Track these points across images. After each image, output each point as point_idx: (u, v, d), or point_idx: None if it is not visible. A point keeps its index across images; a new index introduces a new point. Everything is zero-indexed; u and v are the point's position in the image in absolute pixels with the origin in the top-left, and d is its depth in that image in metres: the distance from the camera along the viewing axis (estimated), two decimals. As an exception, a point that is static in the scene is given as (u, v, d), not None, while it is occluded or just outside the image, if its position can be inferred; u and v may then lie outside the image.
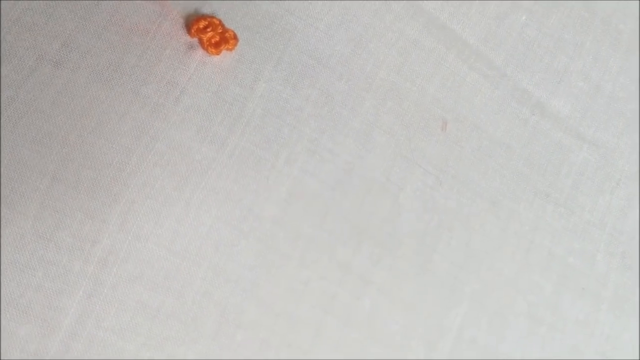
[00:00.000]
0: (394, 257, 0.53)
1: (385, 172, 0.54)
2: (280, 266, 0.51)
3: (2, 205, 0.45)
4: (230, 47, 0.51)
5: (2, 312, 0.45)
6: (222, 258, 0.50)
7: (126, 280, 0.48)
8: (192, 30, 0.50)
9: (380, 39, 0.56)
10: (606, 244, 0.60)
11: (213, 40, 0.51)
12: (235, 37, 0.51)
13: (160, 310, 0.48)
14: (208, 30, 0.51)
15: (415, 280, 0.54)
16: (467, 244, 0.55)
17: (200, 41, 0.51)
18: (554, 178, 0.59)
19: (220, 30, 0.51)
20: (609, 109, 0.62)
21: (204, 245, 0.49)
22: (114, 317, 0.47)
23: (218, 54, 0.51)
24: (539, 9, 0.61)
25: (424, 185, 0.55)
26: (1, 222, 0.45)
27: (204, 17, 0.51)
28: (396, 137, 0.55)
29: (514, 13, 0.61)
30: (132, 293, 0.48)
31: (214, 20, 0.51)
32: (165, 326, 0.48)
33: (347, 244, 0.53)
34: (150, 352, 0.47)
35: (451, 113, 0.57)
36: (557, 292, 0.58)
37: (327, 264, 0.52)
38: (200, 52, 0.51)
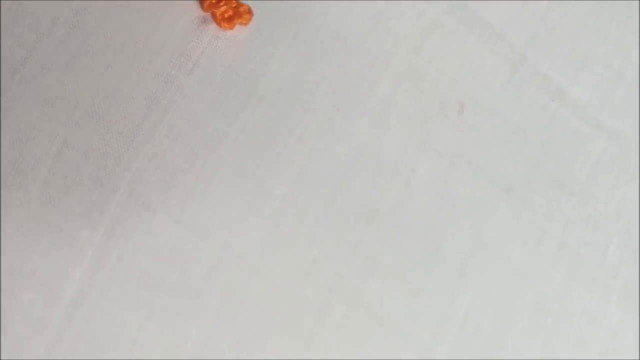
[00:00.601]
0: (403, 241, 0.54)
1: (398, 154, 0.55)
2: (288, 244, 0.52)
3: (10, 168, 0.46)
4: (244, 22, 0.52)
5: (5, 277, 0.46)
6: (229, 233, 0.51)
7: (132, 251, 0.49)
8: (205, 4, 0.51)
9: (400, 17, 0.57)
10: (619, 237, 0.61)
11: (226, 15, 0.52)
12: (249, 12, 0.52)
13: (165, 283, 0.49)
14: (221, 4, 0.51)
15: (423, 265, 0.55)
16: (478, 231, 0.56)
17: (213, 15, 0.51)
18: (569, 167, 0.60)
19: (234, 5, 0.52)
20: (629, 98, 0.63)
21: (212, 219, 0.50)
22: (118, 287, 0.48)
23: (231, 29, 0.52)
24: (563, -7, 0.62)
25: (438, 169, 0.56)
26: (8, 186, 0.46)
27: (216, -10, 0.51)
28: (412, 119, 0.56)
29: (538, -4, 0.61)
30: (137, 264, 0.49)
31: (227, -6, 0.51)
32: (169, 299, 0.49)
33: (356, 225, 0.54)
34: (152, 325, 0.49)
35: (469, 96, 0.58)
36: (566, 283, 0.59)
37: (335, 243, 0.53)
38: (213, 26, 0.52)
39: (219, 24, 0.52)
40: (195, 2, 0.53)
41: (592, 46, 0.62)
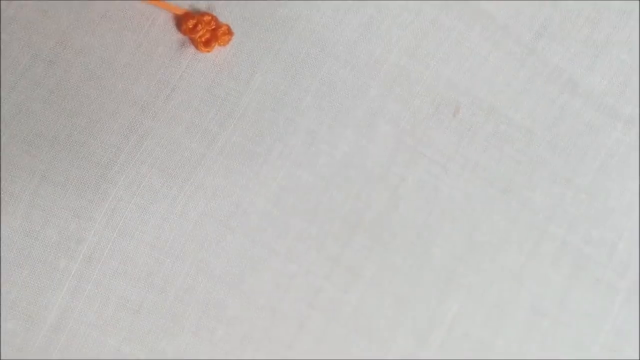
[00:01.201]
0: (386, 251, 0.57)
1: (386, 163, 0.57)
2: (265, 261, 0.56)
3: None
4: (223, 43, 0.54)
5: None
6: (206, 254, 0.55)
7: (110, 277, 0.54)
8: (182, 29, 0.54)
9: (394, 20, 0.58)
10: (630, 233, 0.62)
11: (203, 39, 0.54)
12: (229, 32, 0.54)
13: (143, 306, 0.54)
14: (198, 28, 0.54)
15: (408, 274, 0.58)
16: (470, 235, 0.59)
17: (191, 40, 0.54)
18: (577, 162, 0.61)
19: (213, 27, 0.54)
20: (655, 83, 0.62)
21: (189, 242, 0.55)
22: (96, 312, 0.53)
23: (209, 52, 0.54)
24: (583, -25, 0.61)
25: (428, 175, 0.58)
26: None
27: (192, 15, 0.54)
28: (401, 126, 0.57)
29: (553, -19, 0.61)
30: (115, 289, 0.54)
31: (205, 17, 0.54)
32: (147, 321, 0.54)
33: (337, 238, 0.57)
34: (131, 347, 0.54)
35: (466, 96, 0.59)
36: (566, 283, 0.61)
37: (315, 258, 0.56)
38: (192, 49, 0.54)
39: (197, 47, 0.54)
40: (174, 26, 0.55)
41: (613, 29, 0.62)
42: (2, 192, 0.51)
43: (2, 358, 0.52)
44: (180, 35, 0.54)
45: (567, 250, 0.60)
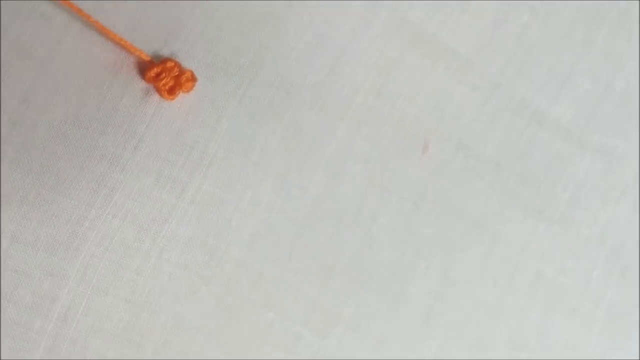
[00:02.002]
0: (364, 292, 0.59)
1: (357, 204, 0.59)
2: (242, 309, 0.57)
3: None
4: (187, 90, 0.56)
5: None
6: (182, 306, 0.56)
7: (85, 334, 0.55)
8: (146, 78, 0.55)
9: (358, 61, 0.60)
10: (605, 260, 0.64)
11: (167, 86, 0.55)
12: (192, 79, 0.56)
13: (119, 362, 0.55)
14: (162, 76, 0.55)
15: (387, 314, 0.59)
16: (445, 272, 0.60)
17: (155, 87, 0.56)
18: (548, 194, 0.63)
19: (177, 73, 0.55)
20: (620, 109, 0.65)
21: (164, 294, 0.56)
22: (73, 370, 0.54)
23: (174, 99, 0.56)
24: (543, 6, 0.63)
25: (400, 213, 0.60)
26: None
27: (155, 63, 0.55)
28: (371, 165, 0.59)
29: (515, 14, 0.63)
30: (91, 346, 0.55)
31: (168, 64, 0.55)
32: (124, 376, 0.55)
33: (314, 283, 0.58)
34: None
35: (434, 133, 0.61)
36: (543, 315, 0.63)
37: (292, 304, 0.58)
38: (157, 97, 0.56)
39: (161, 95, 0.56)
40: (138, 75, 0.56)
41: (576, 59, 0.64)
42: (-28, 255, 0.52)
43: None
44: (144, 84, 0.55)
45: (542, 282, 0.62)
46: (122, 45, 0.55)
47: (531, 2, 0.62)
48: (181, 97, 0.56)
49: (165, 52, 0.56)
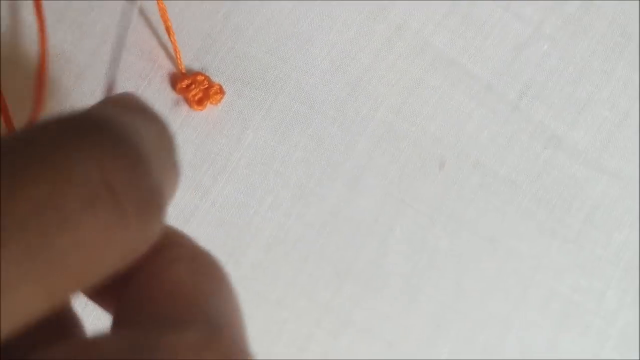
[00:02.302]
0: (376, 298, 0.56)
1: (374, 214, 0.57)
2: (256, 307, 0.55)
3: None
4: (215, 102, 0.55)
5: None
6: (200, 300, 0.54)
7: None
8: (176, 89, 0.54)
9: (380, 80, 0.58)
10: (619, 280, 0.60)
11: (196, 97, 0.54)
12: (220, 92, 0.55)
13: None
14: (191, 87, 0.54)
15: (398, 320, 0.57)
16: (458, 283, 0.57)
17: (185, 98, 0.54)
18: (563, 214, 0.59)
19: (206, 86, 0.54)
20: (637, 137, 0.61)
21: (183, 289, 0.53)
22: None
23: (202, 110, 0.54)
24: (563, 36, 0.61)
25: (415, 225, 0.57)
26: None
27: (186, 75, 0.54)
28: (389, 179, 0.57)
29: (535, 42, 0.61)
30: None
31: (198, 77, 0.54)
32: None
33: (328, 286, 0.56)
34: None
35: (452, 151, 0.58)
36: (555, 330, 0.60)
37: (305, 304, 0.55)
38: (186, 108, 0.54)
39: (190, 106, 0.54)
40: (169, 85, 0.55)
41: (595, 88, 0.61)
42: None
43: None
44: (174, 95, 0.54)
45: (555, 298, 0.58)
46: (160, 54, 0.54)
47: (551, 32, 0.59)
48: (209, 109, 0.54)
49: (195, 66, 0.55)
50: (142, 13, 0.58)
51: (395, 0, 0.61)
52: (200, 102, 0.57)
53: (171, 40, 0.56)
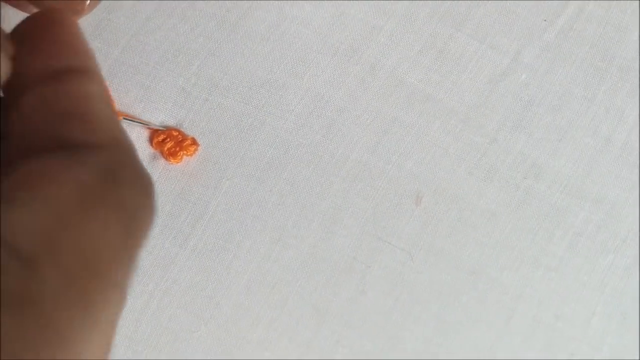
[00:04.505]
0: (357, 335, 0.53)
1: (351, 253, 0.53)
2: (239, 348, 0.52)
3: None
4: (189, 154, 0.52)
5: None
6: (181, 344, 0.52)
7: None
8: (153, 144, 0.51)
9: (354, 121, 0.54)
10: (604, 306, 0.55)
11: (171, 150, 0.51)
12: (194, 143, 0.52)
13: (124, 394, 0.51)
14: (166, 141, 0.51)
15: (380, 357, 0.53)
16: (440, 316, 0.54)
17: (161, 152, 0.52)
18: (545, 242, 0.55)
19: (180, 139, 0.51)
20: (620, 161, 0.56)
21: (164, 334, 0.51)
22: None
23: (178, 162, 0.51)
24: (542, 65, 0.56)
25: (394, 261, 0.53)
26: None
27: (161, 130, 0.52)
28: (365, 217, 0.53)
29: (512, 72, 0.56)
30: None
31: (172, 132, 0.52)
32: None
33: (308, 325, 0.53)
34: None
35: (429, 186, 0.54)
36: (541, 358, 0.54)
37: (287, 345, 0.53)
38: (163, 161, 0.52)
39: (166, 159, 0.52)
40: (146, 141, 0.53)
41: (575, 115, 0.56)
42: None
43: None
44: (151, 150, 0.51)
45: (539, 327, 0.54)
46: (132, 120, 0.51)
47: (529, 61, 0.54)
48: (185, 161, 0.51)
49: (170, 121, 0.52)
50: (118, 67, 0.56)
51: (369, 40, 0.56)
52: (174, 155, 0.54)
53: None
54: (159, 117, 0.55)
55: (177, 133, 0.54)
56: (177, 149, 0.54)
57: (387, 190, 0.55)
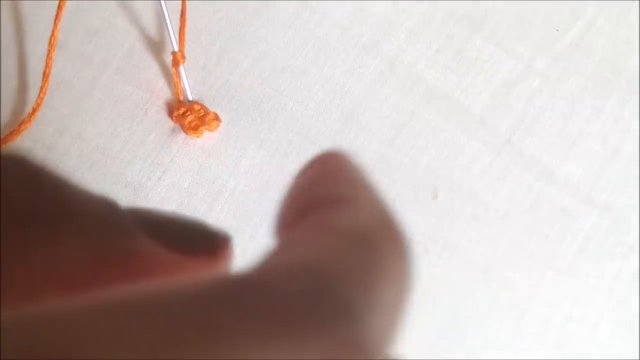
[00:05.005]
0: (370, 325, 0.49)
1: (367, 243, 0.50)
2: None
3: None
4: (210, 128, 0.49)
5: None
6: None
7: None
8: (173, 116, 0.49)
9: (373, 112, 0.52)
10: (612, 311, 0.53)
11: (192, 124, 0.49)
12: (216, 119, 0.50)
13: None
14: (187, 114, 0.48)
15: (393, 350, 0.49)
16: (452, 312, 0.51)
17: (182, 126, 0.49)
18: (556, 245, 0.53)
19: (202, 114, 0.49)
20: (628, 171, 0.55)
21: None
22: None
23: (198, 136, 0.49)
24: (554, 73, 0.55)
25: (410, 254, 0.50)
26: None
27: (183, 103, 0.49)
28: (382, 208, 0.50)
29: (526, 79, 0.54)
30: None
31: (194, 105, 0.49)
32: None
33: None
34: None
35: (445, 182, 0.52)
36: (551, 358, 0.52)
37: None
38: (182, 135, 0.49)
39: (187, 132, 0.49)
40: (166, 114, 0.50)
41: (585, 123, 0.55)
42: None
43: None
44: (171, 123, 0.49)
45: (550, 328, 0.52)
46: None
47: (542, 69, 0.53)
48: (206, 136, 0.48)
49: (191, 97, 0.49)
50: (143, 41, 0.54)
51: (389, 35, 0.56)
52: (195, 129, 0.52)
53: (174, 67, 0.51)
54: (181, 93, 0.52)
55: (200, 107, 0.51)
56: (199, 123, 0.51)
57: (404, 183, 0.54)
